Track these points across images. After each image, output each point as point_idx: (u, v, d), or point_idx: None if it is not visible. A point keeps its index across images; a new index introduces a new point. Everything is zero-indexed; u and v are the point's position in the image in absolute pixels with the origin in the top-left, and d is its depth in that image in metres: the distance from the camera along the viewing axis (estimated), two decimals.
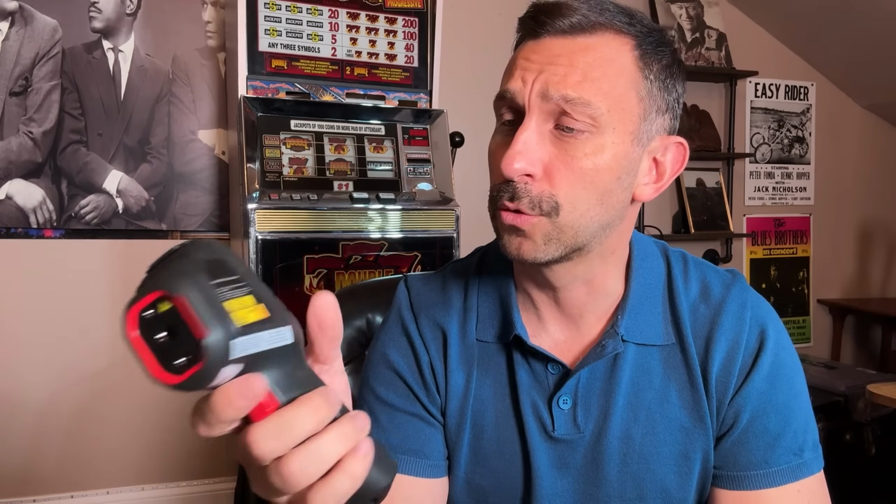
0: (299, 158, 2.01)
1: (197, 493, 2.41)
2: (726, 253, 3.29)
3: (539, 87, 0.65)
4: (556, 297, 0.75)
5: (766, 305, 0.77)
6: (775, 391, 0.73)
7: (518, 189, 0.66)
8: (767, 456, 0.72)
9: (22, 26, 2.16)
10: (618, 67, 0.66)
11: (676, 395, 0.74)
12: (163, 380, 0.36)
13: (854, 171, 3.56)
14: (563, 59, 0.65)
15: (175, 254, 0.38)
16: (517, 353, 0.76)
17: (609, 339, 0.73)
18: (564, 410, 0.75)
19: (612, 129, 0.66)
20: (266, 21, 2.00)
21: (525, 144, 0.65)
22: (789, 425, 0.72)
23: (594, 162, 0.66)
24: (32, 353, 2.22)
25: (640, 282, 0.76)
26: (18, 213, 2.19)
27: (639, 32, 0.68)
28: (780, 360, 0.74)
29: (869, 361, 3.54)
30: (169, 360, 0.36)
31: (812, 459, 0.73)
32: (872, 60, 3.17)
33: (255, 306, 0.38)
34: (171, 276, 0.36)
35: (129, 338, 0.36)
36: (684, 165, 0.74)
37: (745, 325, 0.74)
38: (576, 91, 0.64)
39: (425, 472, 0.76)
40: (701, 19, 3.13)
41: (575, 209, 0.67)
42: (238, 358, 0.36)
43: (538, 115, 0.66)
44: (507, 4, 2.66)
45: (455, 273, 0.84)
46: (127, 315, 0.36)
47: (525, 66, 0.67)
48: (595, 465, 0.74)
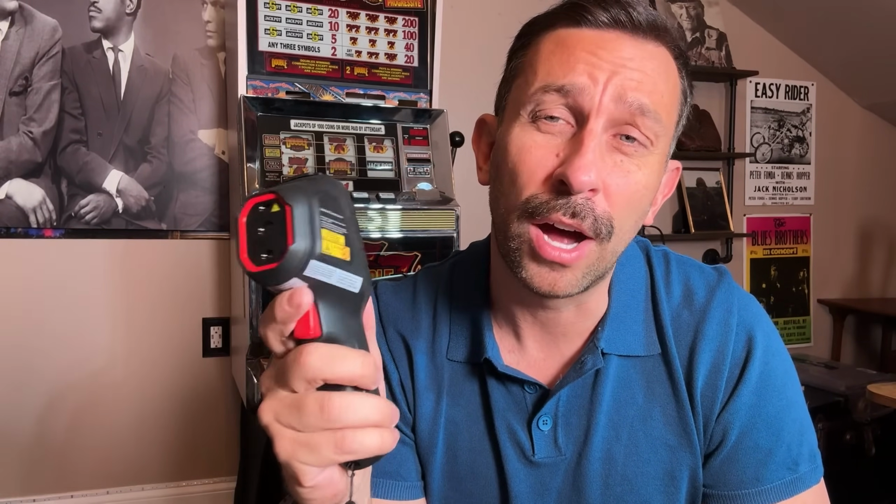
0: (299, 158, 2.00)
1: (197, 493, 2.41)
2: (726, 253, 3.29)
3: (614, 91, 0.58)
4: (542, 318, 0.69)
5: (754, 307, 0.72)
6: (765, 403, 0.68)
7: (580, 206, 0.57)
8: (759, 473, 0.67)
9: (22, 26, 2.16)
10: (674, 84, 0.62)
11: (660, 412, 0.69)
12: (245, 264, 0.41)
13: (854, 171, 3.55)
14: (636, 62, 0.59)
15: (306, 177, 0.44)
16: (490, 375, 0.71)
17: (588, 355, 0.68)
18: (544, 432, 0.70)
19: (659, 149, 0.61)
20: (266, 21, 2.00)
21: (594, 153, 0.57)
22: (781, 439, 0.68)
23: (646, 180, 0.60)
24: (33, 353, 2.22)
25: (621, 289, 0.71)
26: (18, 212, 2.19)
27: (681, 51, 0.63)
28: (769, 369, 0.69)
29: (869, 361, 3.54)
30: (257, 251, 0.40)
31: (808, 472, 0.69)
32: (872, 60, 3.17)
33: (342, 247, 0.43)
34: (292, 189, 0.41)
35: (238, 220, 0.41)
36: (673, 189, 0.70)
37: (732, 333, 0.68)
38: (650, 100, 0.58)
39: (402, 494, 0.72)
40: (701, 19, 3.13)
41: (621, 232, 0.61)
42: (308, 277, 0.41)
43: (606, 120, 0.58)
44: (507, 4, 2.66)
45: (426, 283, 0.78)
46: (246, 202, 0.41)
47: (593, 63, 0.59)
48: (576, 489, 0.70)
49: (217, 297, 2.41)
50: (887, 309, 3.32)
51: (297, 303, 0.41)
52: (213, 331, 2.41)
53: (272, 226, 0.40)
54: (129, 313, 2.32)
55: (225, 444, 2.43)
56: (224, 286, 2.41)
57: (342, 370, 0.42)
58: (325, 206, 0.42)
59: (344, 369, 0.42)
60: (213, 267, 2.40)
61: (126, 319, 2.32)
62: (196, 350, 2.40)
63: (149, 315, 2.34)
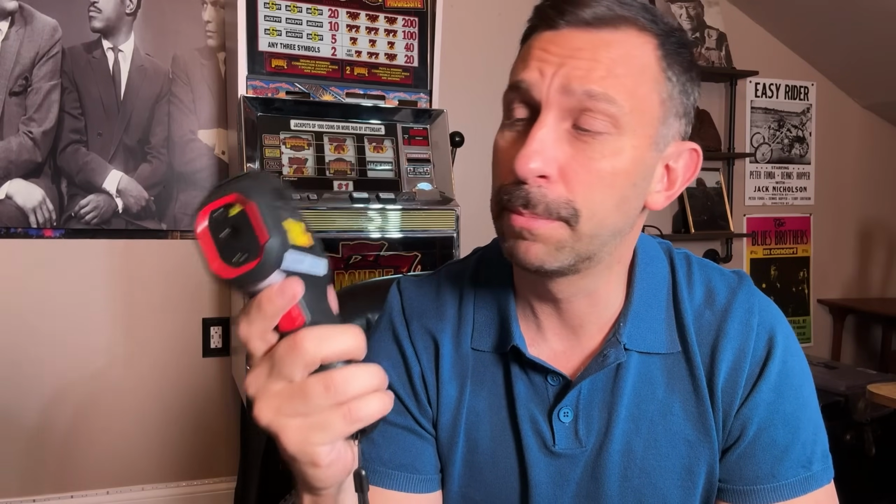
0: (299, 158, 2.00)
1: (197, 493, 2.41)
2: (726, 253, 3.29)
3: (560, 81, 0.61)
4: (557, 308, 0.71)
5: (774, 309, 0.74)
6: (783, 401, 0.70)
7: (532, 194, 0.61)
8: (775, 469, 0.69)
9: (22, 26, 2.16)
10: (641, 66, 0.63)
11: (680, 407, 0.71)
12: (220, 273, 0.41)
13: (854, 171, 3.55)
14: (586, 52, 0.61)
15: (246, 175, 0.44)
16: (514, 364, 0.73)
17: (611, 349, 0.70)
18: (565, 424, 0.71)
19: (631, 132, 0.62)
20: (266, 21, 2.00)
21: (542, 143, 0.60)
22: (798, 437, 0.70)
23: (613, 165, 0.62)
24: (32, 353, 2.22)
25: (643, 287, 0.73)
26: (18, 212, 2.19)
27: (661, 31, 0.64)
28: (788, 368, 0.70)
29: (869, 361, 3.54)
30: (229, 256, 0.41)
31: (821, 471, 0.71)
32: (872, 60, 3.17)
33: (304, 233, 0.44)
34: (246, 188, 0.42)
35: (197, 232, 0.41)
36: (697, 173, 0.71)
37: (753, 332, 0.70)
38: (600, 86, 0.60)
39: (417, 487, 0.73)
40: (701, 19, 3.13)
41: (594, 216, 0.62)
42: (284, 269, 0.42)
43: (556, 111, 0.61)
44: (507, 4, 2.66)
45: (450, 277, 0.80)
46: (199, 211, 0.42)
47: (542, 58, 0.62)
48: (595, 481, 0.71)
49: (217, 297, 2.41)
50: (887, 309, 3.32)
51: (290, 294, 0.44)
52: (213, 331, 2.41)
53: (237, 228, 0.41)
54: (129, 313, 2.32)
55: (225, 444, 2.43)
56: (224, 286, 2.40)
57: (339, 346, 0.45)
58: (279, 199, 0.43)
59: (339, 345, 0.45)
60: None
61: (126, 319, 2.32)
62: (196, 350, 2.40)
63: (149, 315, 2.34)
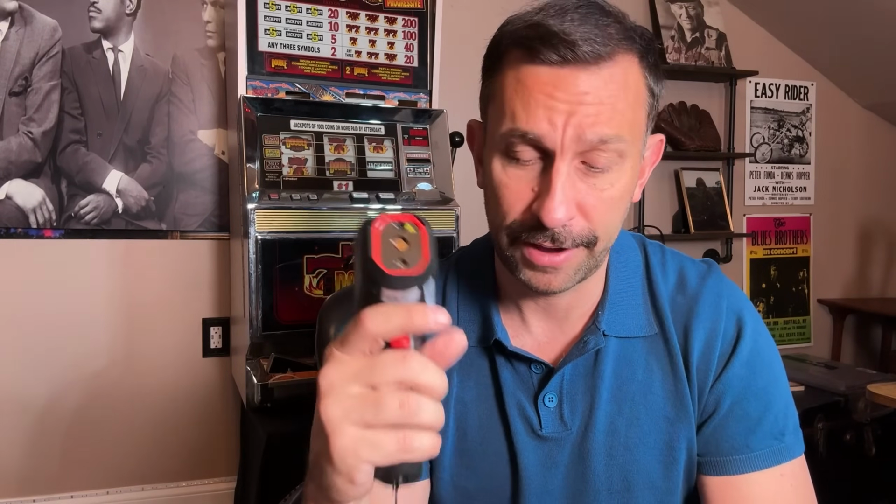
0: (299, 158, 2.00)
1: (197, 493, 2.41)
2: (726, 253, 3.29)
3: (573, 132, 0.62)
4: (544, 303, 0.75)
5: (741, 295, 0.78)
6: (755, 376, 0.74)
7: (558, 233, 0.64)
8: (749, 440, 0.73)
9: (21, 26, 2.16)
10: (635, 92, 0.65)
11: (660, 386, 0.75)
12: (380, 264, 0.46)
13: (854, 171, 3.55)
14: (591, 96, 0.62)
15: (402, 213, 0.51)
16: (499, 355, 0.77)
17: (591, 335, 0.74)
18: (550, 408, 0.75)
19: (630, 155, 0.66)
20: (266, 21, 2.00)
21: (563, 192, 0.63)
22: (769, 409, 0.74)
23: (620, 189, 0.66)
24: (32, 353, 2.22)
25: (617, 276, 0.77)
26: (18, 213, 2.19)
27: (642, 46, 0.65)
28: (758, 347, 0.75)
29: (869, 361, 3.54)
30: (389, 258, 0.46)
31: (793, 443, 0.74)
32: (872, 60, 3.17)
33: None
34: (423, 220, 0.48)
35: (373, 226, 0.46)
36: (660, 156, 0.75)
37: (723, 314, 0.75)
38: (610, 128, 0.62)
39: None
40: (701, 19, 3.13)
41: (608, 236, 0.68)
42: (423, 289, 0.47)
43: (569, 156, 0.63)
44: (507, 4, 2.66)
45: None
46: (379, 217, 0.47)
47: (550, 105, 0.62)
48: (582, 461, 0.75)
49: (217, 297, 2.41)
50: (887, 309, 3.32)
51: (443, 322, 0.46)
52: (213, 331, 2.41)
53: (407, 241, 0.47)
54: (129, 313, 2.32)
55: (225, 444, 2.44)
56: (224, 286, 2.41)
57: (435, 379, 0.46)
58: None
59: (436, 379, 0.47)
60: (213, 267, 2.40)
61: (126, 319, 2.32)
62: (196, 350, 2.40)
63: (149, 315, 2.34)
